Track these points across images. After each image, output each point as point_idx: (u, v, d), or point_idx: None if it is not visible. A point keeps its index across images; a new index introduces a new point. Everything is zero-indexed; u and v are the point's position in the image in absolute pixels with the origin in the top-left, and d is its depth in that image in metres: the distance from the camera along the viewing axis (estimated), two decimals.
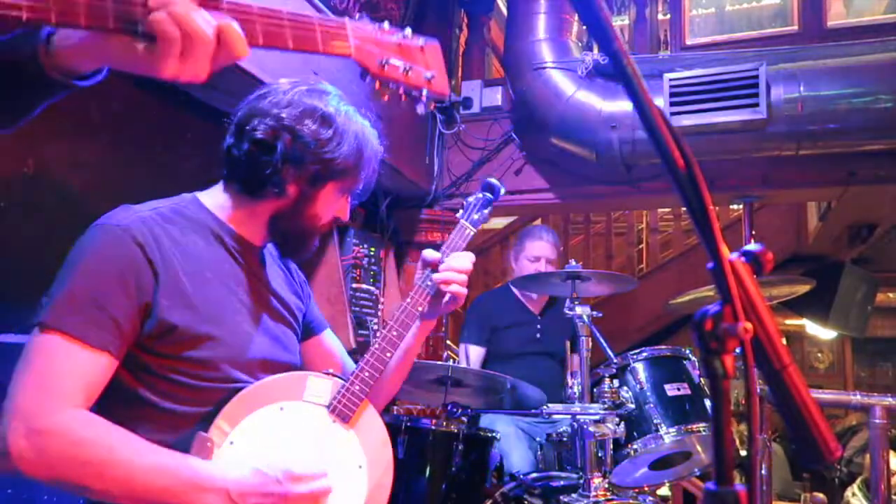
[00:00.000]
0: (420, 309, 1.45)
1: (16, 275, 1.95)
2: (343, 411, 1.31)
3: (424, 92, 1.01)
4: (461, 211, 1.56)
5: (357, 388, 1.33)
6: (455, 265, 1.46)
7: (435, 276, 1.45)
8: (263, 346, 1.31)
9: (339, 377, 1.35)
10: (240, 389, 1.23)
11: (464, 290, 1.47)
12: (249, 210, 1.32)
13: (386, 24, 0.97)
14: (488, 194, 1.57)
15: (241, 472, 1.16)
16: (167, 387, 1.18)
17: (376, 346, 1.37)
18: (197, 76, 0.77)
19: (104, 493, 1.08)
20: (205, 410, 1.20)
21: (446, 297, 1.48)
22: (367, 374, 1.34)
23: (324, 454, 1.28)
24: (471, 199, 1.57)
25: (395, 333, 1.40)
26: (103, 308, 1.11)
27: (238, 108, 1.32)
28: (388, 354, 1.38)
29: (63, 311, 1.10)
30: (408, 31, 1.01)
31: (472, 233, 1.53)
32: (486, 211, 1.56)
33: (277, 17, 0.81)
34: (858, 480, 4.41)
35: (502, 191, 1.60)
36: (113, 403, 1.16)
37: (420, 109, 1.05)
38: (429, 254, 1.48)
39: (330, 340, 1.58)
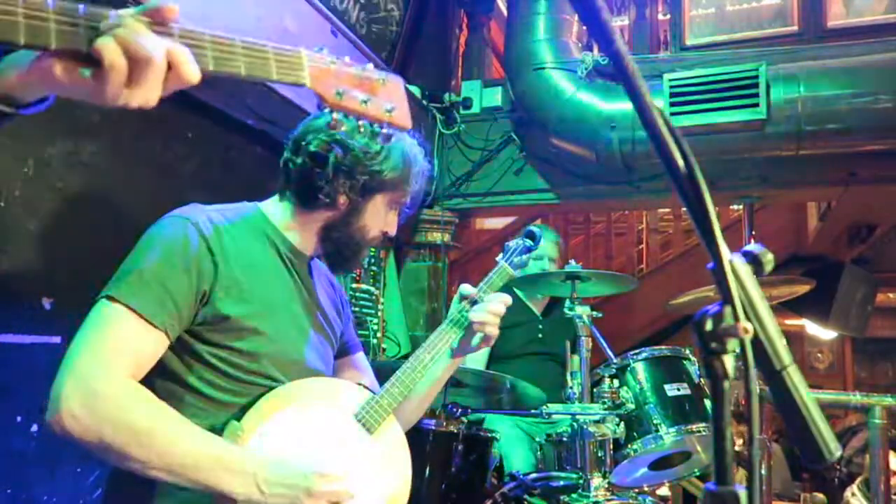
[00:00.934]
0: (453, 337, 1.51)
1: (16, 275, 1.94)
2: (370, 422, 1.36)
3: (385, 125, 1.00)
4: (501, 254, 1.66)
5: (385, 402, 1.39)
6: (492, 308, 1.52)
7: (472, 315, 1.52)
8: (304, 351, 1.38)
9: (370, 390, 1.42)
10: (274, 387, 1.29)
11: (495, 332, 1.55)
12: (303, 221, 1.41)
13: (347, 58, 0.98)
14: (529, 241, 1.66)
15: (272, 461, 1.21)
16: (210, 373, 1.26)
17: (408, 365, 1.44)
18: (147, 102, 0.74)
19: (142, 461, 1.12)
20: (241, 402, 1.27)
21: (477, 336, 1.55)
22: (396, 390, 1.41)
23: (347, 460, 1.31)
24: (511, 243, 1.67)
25: (427, 356, 1.46)
26: (167, 290, 1.19)
27: (296, 129, 1.43)
28: (419, 375, 1.44)
29: (131, 287, 1.18)
30: (369, 65, 1.02)
31: (511, 274, 1.62)
32: (524, 257, 1.65)
33: (229, 44, 0.79)
34: (858, 480, 4.41)
35: (542, 240, 1.72)
36: (158, 382, 1.24)
37: (379, 141, 1.05)
38: (465, 288, 1.56)
39: (361, 362, 1.65)
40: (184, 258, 1.22)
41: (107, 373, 1.13)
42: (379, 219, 1.43)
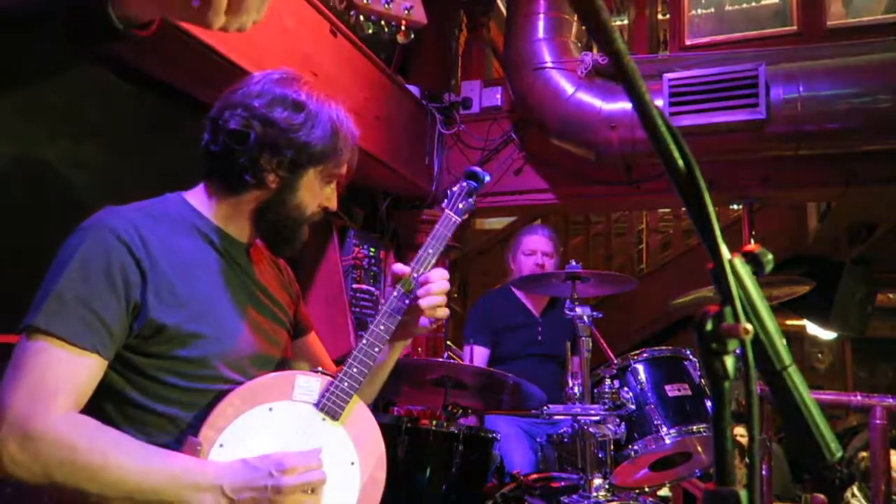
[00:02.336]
0: (403, 309, 1.39)
1: (16, 275, 1.94)
2: (333, 409, 1.30)
3: (403, 22, 1.06)
4: (445, 201, 1.52)
5: (346, 384, 1.31)
6: (434, 289, 1.41)
7: (421, 302, 1.40)
8: (254, 342, 1.31)
9: (328, 374, 1.33)
10: (229, 390, 1.22)
11: (446, 311, 1.43)
12: (233, 206, 1.31)
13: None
14: (472, 182, 1.54)
15: (233, 467, 1.16)
16: (157, 388, 1.18)
17: (364, 341, 1.35)
18: (243, 26, 0.81)
19: (99, 495, 1.07)
20: (194, 414, 1.20)
21: (426, 320, 1.43)
22: (355, 370, 1.32)
23: (314, 449, 1.26)
24: (455, 188, 1.54)
25: (382, 328, 1.37)
26: (92, 309, 1.11)
27: (214, 107, 1.32)
28: (377, 350, 1.35)
29: (51, 313, 1.10)
30: None
31: (457, 222, 1.49)
32: (471, 199, 1.53)
33: None
34: (858, 481, 4.41)
35: (486, 178, 1.57)
36: (103, 405, 1.16)
37: (400, 39, 1.08)
38: (398, 268, 1.42)
39: (314, 343, 1.57)
40: (106, 272, 1.13)
41: (40, 413, 1.05)
42: (315, 194, 1.33)
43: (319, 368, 1.36)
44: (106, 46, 0.85)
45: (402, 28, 1.04)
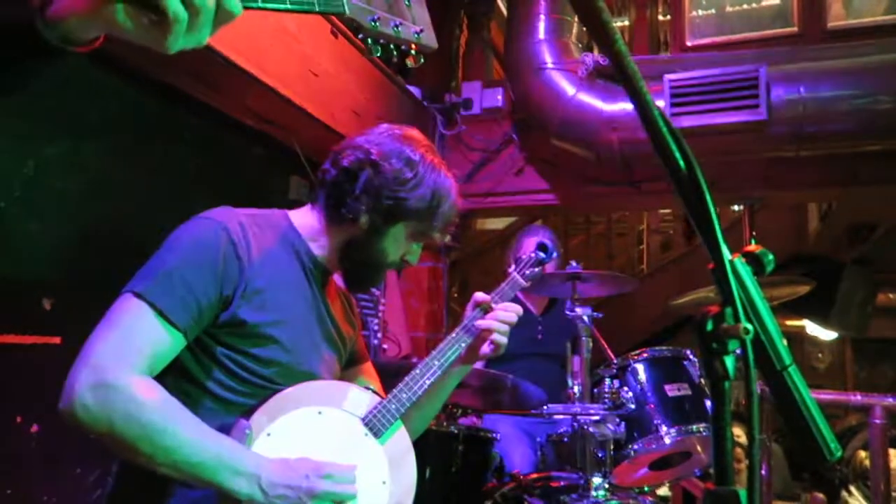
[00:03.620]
0: (463, 345, 1.52)
1: (16, 275, 1.95)
2: (376, 426, 1.37)
3: (413, 47, 1.05)
4: (514, 265, 1.68)
5: (393, 406, 1.39)
6: (502, 316, 1.54)
7: (479, 322, 1.53)
8: (314, 362, 1.40)
9: (377, 394, 1.43)
10: (285, 387, 1.30)
11: (504, 340, 1.55)
12: (327, 233, 1.42)
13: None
14: (542, 254, 1.69)
15: (275, 463, 1.21)
16: (224, 375, 1.27)
17: (417, 370, 1.45)
18: (199, 44, 0.78)
19: (149, 456, 1.14)
20: (251, 403, 1.28)
21: (486, 345, 1.56)
22: (405, 395, 1.41)
23: (352, 462, 1.31)
24: (524, 256, 1.69)
25: (437, 363, 1.47)
26: (192, 291, 1.21)
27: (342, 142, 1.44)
28: (428, 381, 1.44)
29: (157, 285, 1.20)
30: None
31: (521, 285, 1.64)
32: (537, 269, 1.68)
33: None
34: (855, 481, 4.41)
35: (555, 254, 1.72)
36: (171, 380, 1.24)
37: (410, 63, 1.08)
38: (479, 296, 1.57)
39: (369, 373, 1.66)
40: (211, 261, 1.24)
41: (122, 366, 1.14)
42: (399, 246, 1.43)
43: (372, 387, 1.46)
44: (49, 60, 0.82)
45: (412, 52, 1.04)
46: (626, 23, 4.85)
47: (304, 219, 1.44)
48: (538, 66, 3.52)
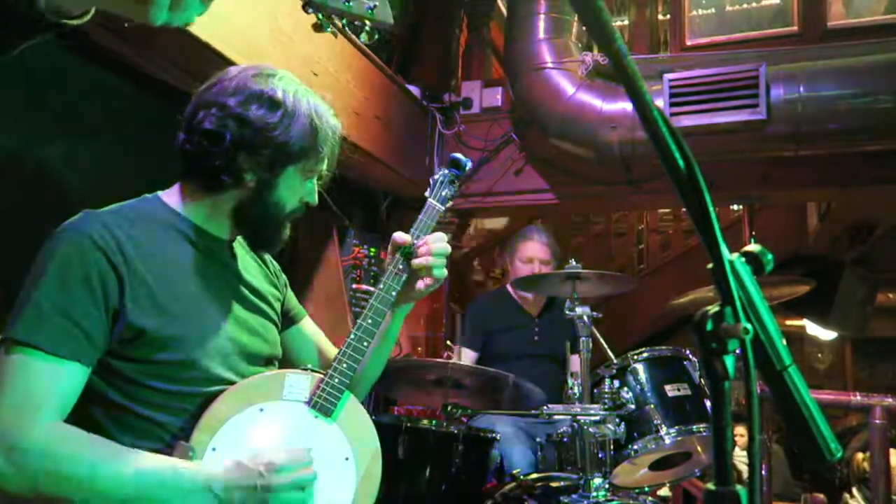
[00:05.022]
0: (393, 294, 1.40)
1: (16, 276, 1.94)
2: (324, 406, 1.29)
3: (367, 23, 1.02)
4: (428, 190, 1.52)
5: (336, 380, 1.31)
6: (434, 248, 1.41)
7: (416, 261, 1.41)
8: (241, 338, 1.30)
9: (317, 371, 1.34)
10: (218, 392, 1.22)
11: (444, 272, 1.43)
12: (211, 205, 1.29)
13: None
14: (454, 170, 1.53)
15: (224, 467, 1.15)
16: (143, 393, 1.17)
17: (352, 336, 1.35)
18: (188, 20, 0.77)
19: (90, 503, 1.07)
20: (184, 419, 1.19)
21: (426, 281, 1.44)
22: (345, 365, 1.32)
23: (305, 447, 1.26)
24: (437, 176, 1.53)
25: (369, 322, 1.37)
26: (70, 318, 1.10)
27: (189, 103, 1.29)
28: (365, 344, 1.35)
29: (29, 323, 1.09)
30: None
31: (440, 210, 1.49)
32: (453, 187, 1.52)
33: None
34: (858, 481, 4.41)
35: (468, 165, 1.55)
36: (92, 411, 1.16)
37: (363, 39, 1.05)
38: (398, 236, 1.42)
39: (309, 328, 1.56)
40: (81, 278, 1.12)
41: (28, 425, 1.05)
42: (294, 191, 1.31)
43: (309, 366, 1.35)
44: (58, 40, 0.83)
45: (367, 28, 1.01)
46: (626, 22, 4.85)
47: (180, 196, 1.30)
48: (538, 65, 3.51)
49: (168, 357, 1.17)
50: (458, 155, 1.55)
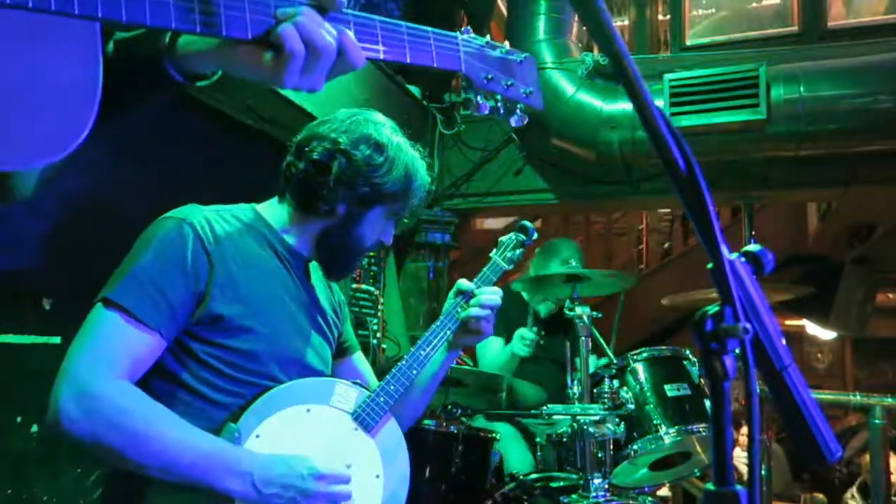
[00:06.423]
0: (449, 332, 1.52)
1: (16, 276, 1.95)
2: (366, 420, 1.37)
3: (520, 106, 1.06)
4: (495, 249, 1.67)
5: (382, 399, 1.39)
6: (485, 301, 1.53)
7: (471, 310, 1.52)
8: (302, 349, 1.39)
9: (365, 388, 1.42)
10: (272, 387, 1.29)
11: (489, 326, 1.55)
12: (300, 224, 1.41)
13: (488, 37, 1.03)
14: (522, 236, 1.67)
15: (269, 460, 1.21)
16: (207, 373, 1.26)
17: (404, 362, 1.44)
18: (315, 87, 0.78)
19: (139, 462, 1.14)
20: (237, 403, 1.27)
21: (472, 331, 1.55)
22: (392, 388, 1.41)
23: (344, 459, 1.31)
24: (504, 238, 1.68)
25: (423, 353, 1.47)
26: (162, 291, 1.20)
27: (301, 133, 1.42)
28: (415, 372, 1.44)
29: (126, 288, 1.19)
30: (506, 44, 1.07)
31: (503, 269, 1.64)
32: (518, 251, 1.67)
33: (395, 30, 0.85)
34: (858, 481, 4.41)
35: (535, 234, 1.70)
36: (155, 382, 1.24)
37: (513, 122, 1.10)
38: (462, 284, 1.57)
39: (360, 363, 1.65)
40: (179, 259, 1.23)
41: (103, 376, 1.14)
42: (376, 228, 1.44)
43: (358, 381, 1.44)
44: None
45: (518, 112, 1.05)
46: (626, 22, 4.84)
47: (274, 210, 1.43)
48: (538, 65, 3.51)
49: (238, 345, 1.27)
50: (527, 223, 1.71)
